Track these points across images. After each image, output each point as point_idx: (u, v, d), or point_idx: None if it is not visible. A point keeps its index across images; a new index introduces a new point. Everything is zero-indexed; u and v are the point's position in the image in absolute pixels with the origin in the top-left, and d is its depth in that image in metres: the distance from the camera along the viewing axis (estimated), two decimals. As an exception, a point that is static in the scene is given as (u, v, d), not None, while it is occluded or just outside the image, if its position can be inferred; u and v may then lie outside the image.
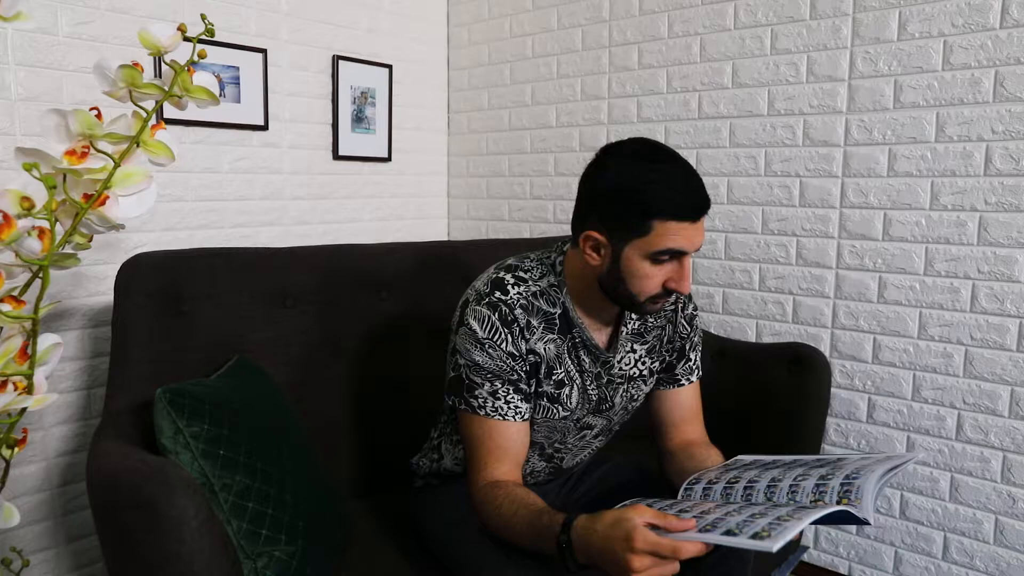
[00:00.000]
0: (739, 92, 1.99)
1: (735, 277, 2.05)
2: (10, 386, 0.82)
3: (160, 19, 1.85)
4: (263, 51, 2.07)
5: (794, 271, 1.95)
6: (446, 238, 2.71)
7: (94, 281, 1.78)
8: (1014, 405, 1.66)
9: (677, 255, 1.03)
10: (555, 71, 2.38)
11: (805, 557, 2.01)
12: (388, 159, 2.47)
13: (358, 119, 2.36)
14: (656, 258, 1.02)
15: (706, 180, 1.10)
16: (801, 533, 0.95)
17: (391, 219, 2.52)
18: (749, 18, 1.96)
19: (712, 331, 2.08)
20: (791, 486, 0.96)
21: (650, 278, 1.03)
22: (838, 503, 0.90)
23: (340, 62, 2.28)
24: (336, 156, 2.31)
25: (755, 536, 0.82)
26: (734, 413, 1.71)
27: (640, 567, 0.82)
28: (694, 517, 0.90)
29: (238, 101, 2.03)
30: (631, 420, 1.37)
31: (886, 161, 1.78)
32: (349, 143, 2.34)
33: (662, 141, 1.96)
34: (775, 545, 0.79)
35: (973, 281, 1.69)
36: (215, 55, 1.95)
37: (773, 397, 1.66)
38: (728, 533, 0.85)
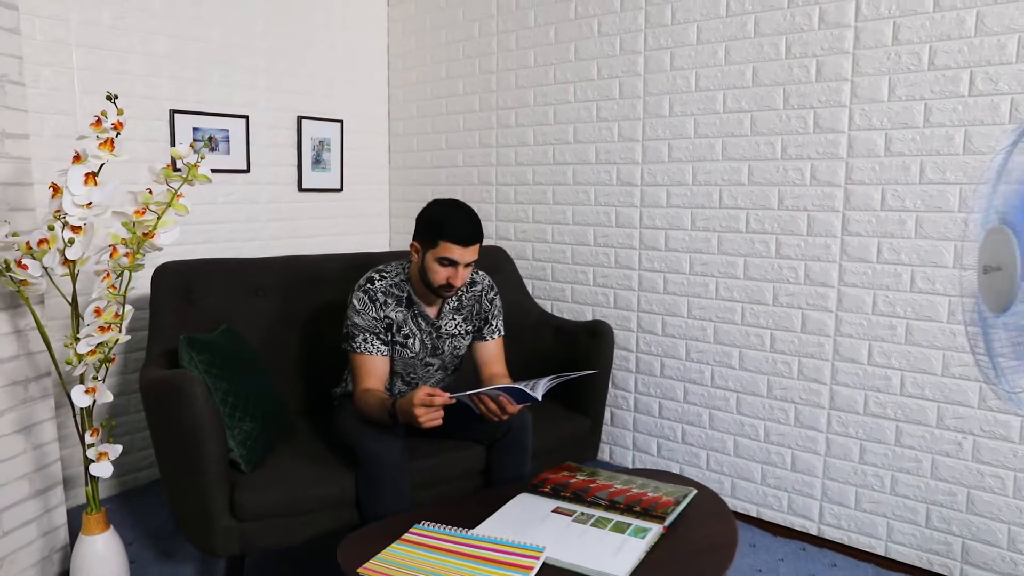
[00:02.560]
0: (578, 146, 2.85)
1: (577, 276, 2.91)
2: (111, 330, 1.67)
3: (176, 99, 2.71)
4: (246, 117, 2.93)
5: (613, 272, 2.81)
6: (388, 249, 3.57)
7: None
8: (741, 360, 2.51)
9: (453, 263, 1.87)
10: (461, 125, 3.24)
11: (651, 464, 2.85)
12: (341, 190, 3.33)
13: (317, 161, 3.21)
14: (441, 262, 1.87)
15: (556, 208, 1.93)
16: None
17: (344, 235, 3.38)
18: (583, 95, 2.81)
19: (565, 316, 2.93)
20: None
21: (438, 273, 1.88)
22: (531, 390, 1.73)
23: (303, 120, 3.14)
24: (300, 189, 3.17)
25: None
26: (559, 366, 2.56)
27: (419, 413, 1.66)
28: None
29: (228, 153, 2.88)
30: (466, 367, 2.22)
31: (665, 198, 2.63)
32: (310, 179, 3.20)
33: (530, 181, 2.90)
34: (471, 392, 1.66)
35: (716, 279, 2.54)
36: (213, 122, 2.81)
37: (581, 355, 2.51)
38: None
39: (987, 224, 1.13)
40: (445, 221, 1.87)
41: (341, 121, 3.29)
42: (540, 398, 1.71)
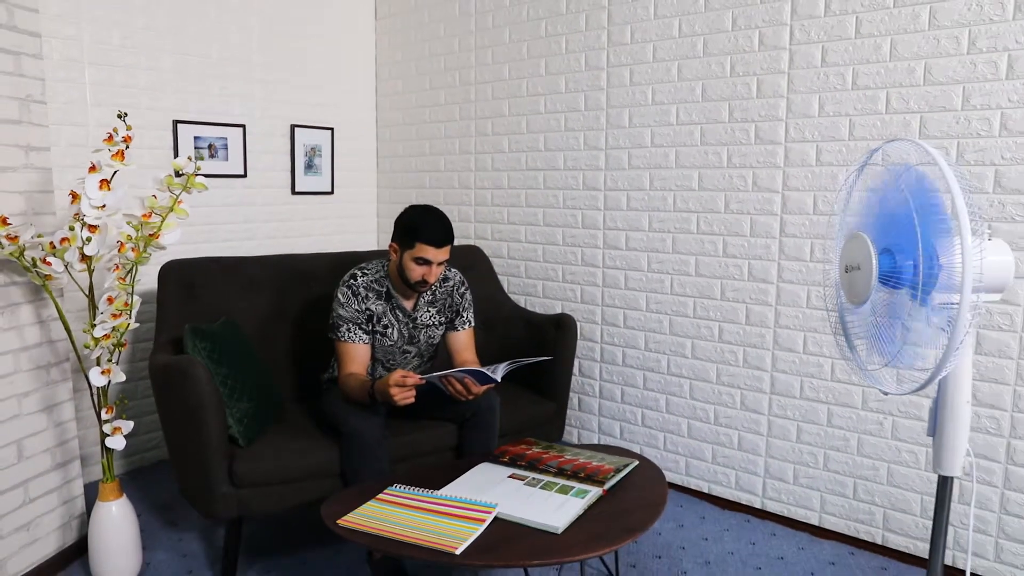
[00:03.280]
0: (547, 154, 3.10)
1: (547, 273, 3.16)
2: (122, 316, 1.92)
3: (179, 110, 2.95)
4: (243, 126, 3.17)
5: (580, 269, 3.06)
6: (376, 247, 3.82)
7: (136, 276, 2.87)
8: (693, 350, 2.77)
9: (427, 262, 2.12)
10: (443, 133, 3.48)
11: (599, 440, 3.11)
12: (332, 192, 3.58)
13: (309, 166, 3.46)
14: (417, 261, 2.12)
15: (528, 210, 2.14)
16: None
17: (334, 234, 3.62)
18: (552, 107, 3.06)
19: (536, 310, 3.19)
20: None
21: (413, 271, 2.13)
22: (492, 373, 1.98)
23: (296, 129, 3.38)
24: (294, 192, 3.42)
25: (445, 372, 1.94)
26: (528, 355, 2.81)
27: (394, 392, 1.91)
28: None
29: (227, 160, 3.12)
30: (440, 355, 2.47)
31: (626, 201, 2.88)
32: (303, 183, 3.44)
33: (505, 185, 3.15)
34: (439, 374, 1.90)
35: (671, 276, 2.79)
36: (213, 131, 3.05)
37: (548, 345, 2.76)
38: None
39: (844, 228, 1.38)
40: (420, 225, 2.12)
41: (332, 128, 3.53)
42: (499, 379, 1.96)
